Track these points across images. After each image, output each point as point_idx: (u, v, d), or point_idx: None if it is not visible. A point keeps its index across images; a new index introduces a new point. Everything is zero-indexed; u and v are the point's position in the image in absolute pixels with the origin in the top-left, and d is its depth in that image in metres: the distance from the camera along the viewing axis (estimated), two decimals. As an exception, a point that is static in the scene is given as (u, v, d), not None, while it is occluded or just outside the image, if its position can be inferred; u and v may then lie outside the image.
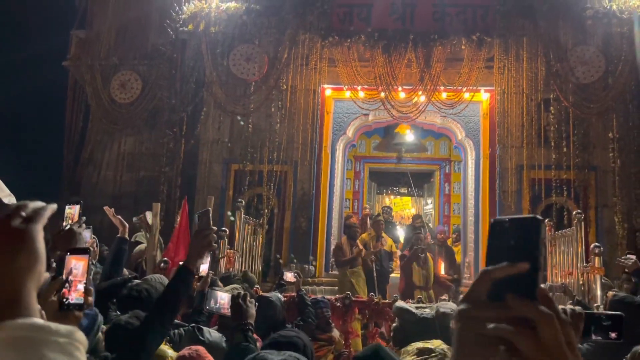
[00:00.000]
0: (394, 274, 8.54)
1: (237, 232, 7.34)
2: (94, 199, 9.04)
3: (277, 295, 4.32)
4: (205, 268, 3.55)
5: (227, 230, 7.00)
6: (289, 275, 5.25)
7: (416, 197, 13.16)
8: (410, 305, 3.77)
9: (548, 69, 8.98)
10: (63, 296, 1.51)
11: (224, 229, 6.93)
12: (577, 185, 8.78)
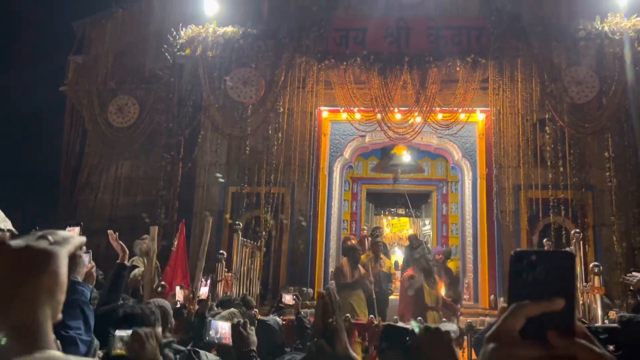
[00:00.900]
0: (392, 296, 8.47)
1: (235, 255, 7.30)
2: (91, 223, 9.00)
3: (275, 319, 4.27)
4: (205, 291, 3.52)
5: (225, 253, 6.96)
6: (288, 298, 5.21)
7: (414, 218, 13.14)
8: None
9: (542, 89, 9.06)
10: None
11: (221, 252, 6.89)
12: (575, 205, 8.79)
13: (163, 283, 5.35)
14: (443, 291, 8.35)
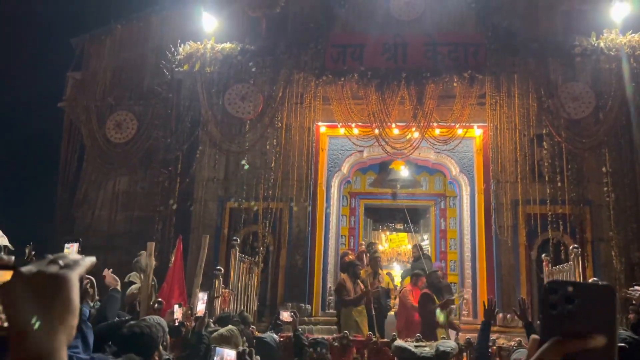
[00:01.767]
0: (391, 312, 8.42)
1: (232, 271, 7.26)
2: (88, 239, 8.95)
3: (272, 336, 4.24)
4: (202, 308, 3.49)
5: (222, 269, 6.92)
6: (285, 315, 5.18)
7: (412, 233, 13.11)
8: (410, 344, 3.71)
9: (539, 105, 9.11)
10: None
11: (218, 267, 6.85)
12: (573, 220, 8.78)
13: (160, 300, 5.31)
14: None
